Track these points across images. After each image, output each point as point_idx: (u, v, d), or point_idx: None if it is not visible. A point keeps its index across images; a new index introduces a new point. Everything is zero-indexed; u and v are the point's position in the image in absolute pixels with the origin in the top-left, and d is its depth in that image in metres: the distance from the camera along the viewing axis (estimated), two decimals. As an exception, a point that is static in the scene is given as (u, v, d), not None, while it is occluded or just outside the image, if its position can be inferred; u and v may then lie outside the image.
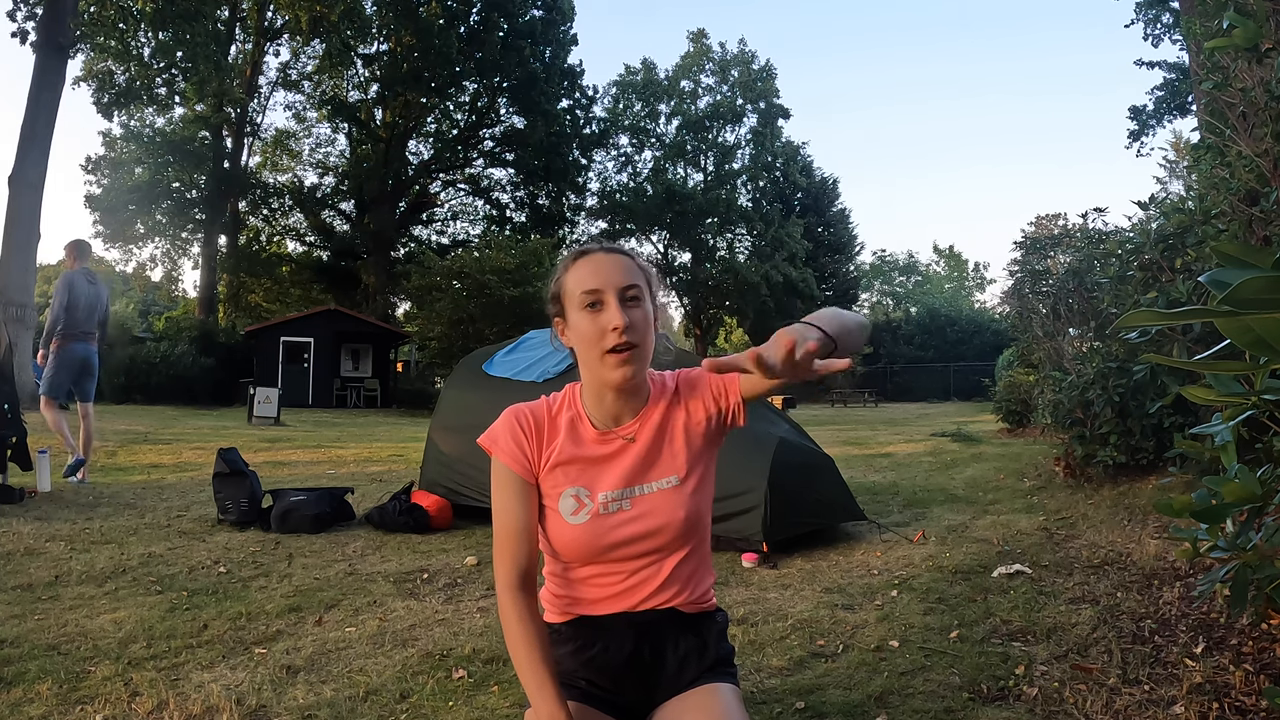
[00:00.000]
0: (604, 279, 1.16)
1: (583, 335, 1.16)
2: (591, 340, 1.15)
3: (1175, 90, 19.13)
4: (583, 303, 1.16)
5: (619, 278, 1.17)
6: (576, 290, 1.17)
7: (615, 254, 1.21)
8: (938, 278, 54.28)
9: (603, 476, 1.21)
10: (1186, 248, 3.93)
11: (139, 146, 25.05)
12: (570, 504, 1.20)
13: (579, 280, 1.18)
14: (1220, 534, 1.60)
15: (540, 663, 1.10)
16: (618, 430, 1.23)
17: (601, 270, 1.17)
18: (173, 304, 32.17)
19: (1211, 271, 0.79)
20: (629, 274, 1.18)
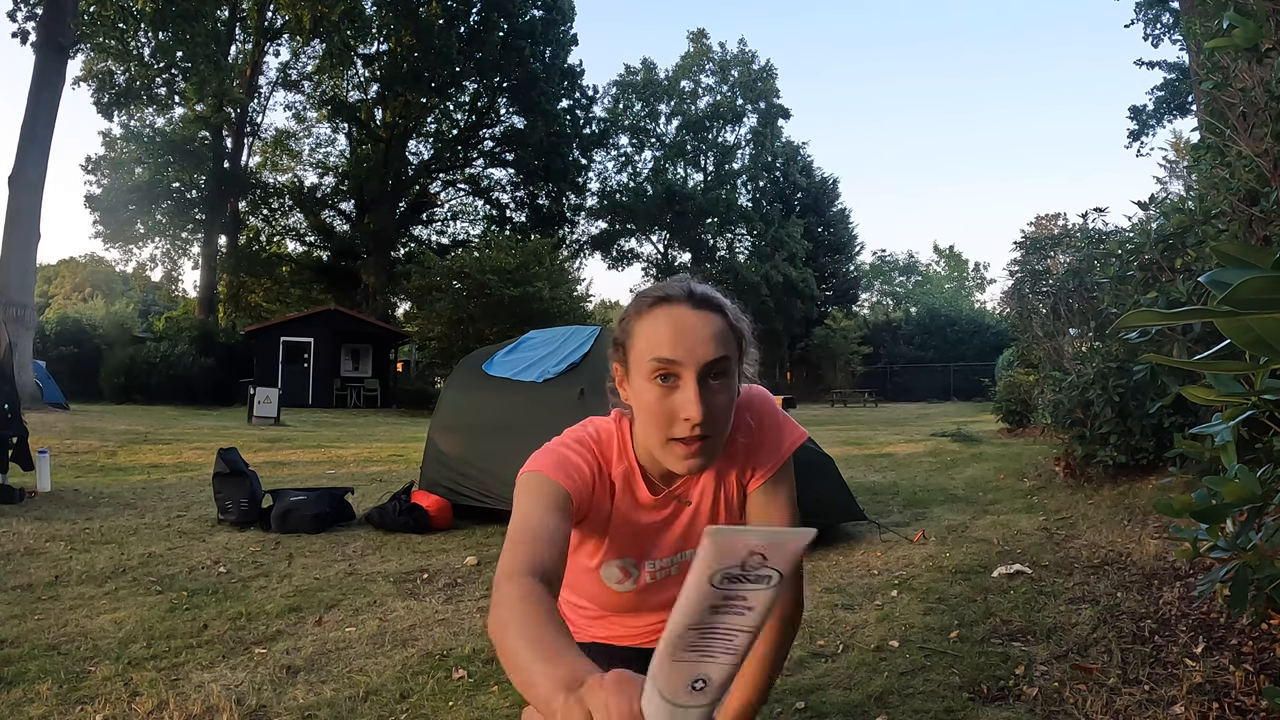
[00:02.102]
0: (685, 349, 0.93)
1: (648, 410, 0.95)
2: (657, 421, 0.95)
3: (1175, 90, 19.12)
4: (652, 371, 0.94)
5: (704, 349, 0.93)
6: (648, 353, 0.94)
7: (706, 311, 0.96)
8: (938, 278, 54.28)
9: (654, 545, 1.10)
10: (1186, 248, 3.93)
11: (139, 146, 25.03)
12: (615, 574, 1.10)
13: (652, 340, 0.94)
14: (1220, 534, 1.60)
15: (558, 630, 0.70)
16: (672, 489, 1.08)
17: (685, 335, 0.93)
18: (173, 304, 32.15)
19: (1211, 271, 0.79)
20: (719, 343, 0.94)
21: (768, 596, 0.42)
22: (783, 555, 0.42)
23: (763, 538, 0.41)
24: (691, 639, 0.43)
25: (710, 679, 0.44)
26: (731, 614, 0.42)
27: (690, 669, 0.44)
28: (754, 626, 0.43)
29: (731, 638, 0.43)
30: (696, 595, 0.42)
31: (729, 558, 0.41)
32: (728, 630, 0.43)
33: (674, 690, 0.44)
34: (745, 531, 0.41)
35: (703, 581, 0.42)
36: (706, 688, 0.44)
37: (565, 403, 4.03)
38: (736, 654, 0.44)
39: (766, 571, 0.42)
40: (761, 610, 0.43)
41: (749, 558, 0.41)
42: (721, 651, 0.44)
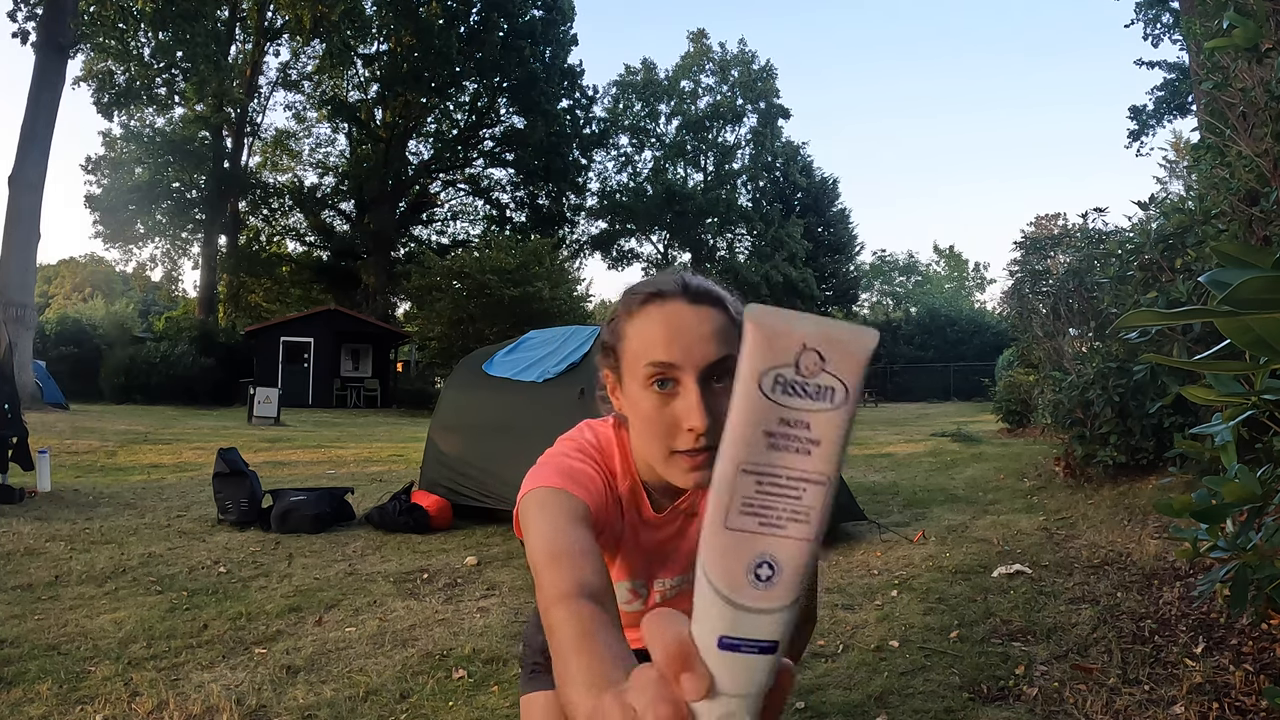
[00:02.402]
0: (683, 350, 0.83)
1: (645, 420, 0.85)
2: (655, 432, 0.85)
3: (1175, 90, 19.13)
4: (648, 377, 0.84)
5: (705, 348, 0.83)
6: (642, 356, 0.85)
7: (703, 306, 0.86)
8: (938, 278, 54.27)
9: (663, 564, 1.03)
10: (1186, 248, 3.93)
11: (139, 146, 25.04)
12: (624, 594, 1.05)
13: (646, 342, 0.85)
14: (1220, 534, 1.60)
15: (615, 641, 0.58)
16: (678, 505, 1.00)
17: (683, 334, 0.83)
18: (173, 304, 32.15)
19: (1211, 271, 0.79)
20: (720, 341, 0.84)
21: (835, 425, 0.31)
22: (845, 358, 0.31)
23: (817, 327, 0.31)
24: (746, 490, 0.31)
25: (779, 563, 0.32)
26: (792, 451, 0.31)
27: (750, 544, 0.32)
28: (823, 474, 0.31)
29: (797, 492, 0.31)
30: (747, 411, 0.31)
31: (779, 353, 0.31)
32: (791, 479, 0.31)
33: (733, 581, 0.32)
34: (795, 316, 0.31)
35: (751, 389, 0.31)
36: (775, 578, 0.32)
37: (565, 403, 4.03)
38: (808, 521, 0.32)
39: (828, 381, 0.31)
40: (830, 450, 0.31)
41: (803, 354, 0.31)
42: (789, 516, 0.32)
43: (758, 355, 0.31)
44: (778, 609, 0.32)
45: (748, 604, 0.32)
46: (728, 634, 0.32)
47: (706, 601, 0.33)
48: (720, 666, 0.33)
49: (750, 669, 0.33)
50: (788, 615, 0.33)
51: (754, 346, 0.31)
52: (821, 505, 0.32)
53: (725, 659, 0.33)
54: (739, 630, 0.32)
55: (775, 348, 0.31)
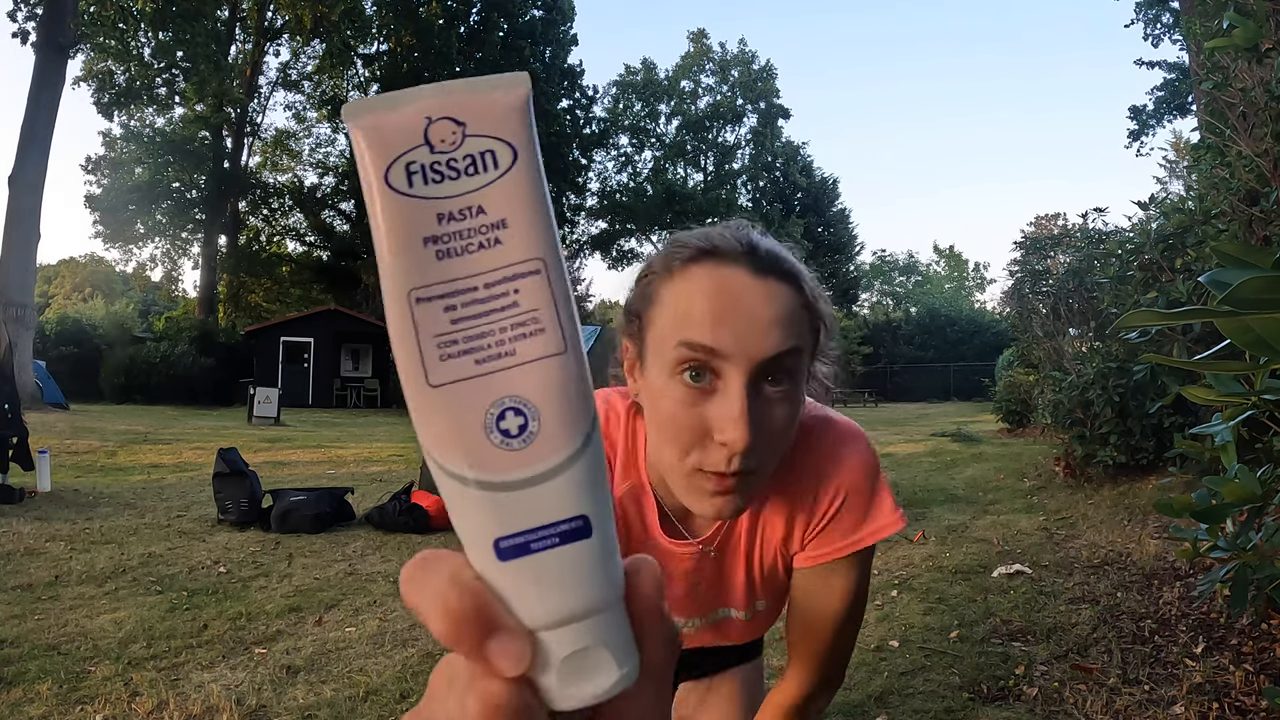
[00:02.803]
0: (734, 334, 0.63)
1: (666, 418, 0.66)
2: (677, 438, 0.66)
3: (1175, 90, 19.15)
4: (680, 362, 0.65)
5: (764, 337, 0.64)
6: (675, 333, 0.65)
7: (772, 280, 0.66)
8: (938, 278, 54.28)
9: (670, 599, 0.84)
10: (1186, 248, 3.93)
11: (139, 146, 25.04)
12: None
13: (686, 314, 0.65)
14: (1220, 534, 1.60)
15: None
16: (702, 540, 0.82)
17: (737, 313, 0.64)
18: (173, 304, 32.16)
19: (1211, 271, 0.79)
20: (787, 329, 0.65)
21: (516, 194, 0.24)
22: (492, 111, 0.24)
23: (438, 92, 0.24)
24: (437, 325, 0.23)
25: (528, 402, 0.23)
26: (474, 250, 0.23)
27: (475, 393, 0.23)
28: (531, 259, 0.23)
29: (508, 297, 0.23)
30: (388, 221, 0.23)
31: (397, 136, 0.23)
32: (491, 284, 0.23)
33: (471, 452, 0.23)
34: (404, 93, 0.24)
35: (382, 193, 0.23)
36: (531, 424, 0.23)
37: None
38: (543, 327, 0.23)
39: (479, 146, 0.23)
40: (526, 226, 0.23)
41: (431, 127, 0.23)
42: (514, 334, 0.23)
43: (371, 151, 0.23)
44: (556, 466, 0.23)
45: (506, 476, 0.23)
46: (502, 533, 0.23)
47: (455, 502, 0.23)
48: (517, 585, 0.23)
49: (563, 571, 0.23)
50: (581, 471, 0.23)
51: (363, 145, 0.24)
52: (552, 300, 0.23)
53: (518, 571, 0.23)
54: (514, 521, 0.23)
55: (389, 133, 0.23)
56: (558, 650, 0.23)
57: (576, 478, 0.23)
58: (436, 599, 0.22)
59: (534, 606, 0.23)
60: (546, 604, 0.23)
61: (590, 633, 0.23)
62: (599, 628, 0.23)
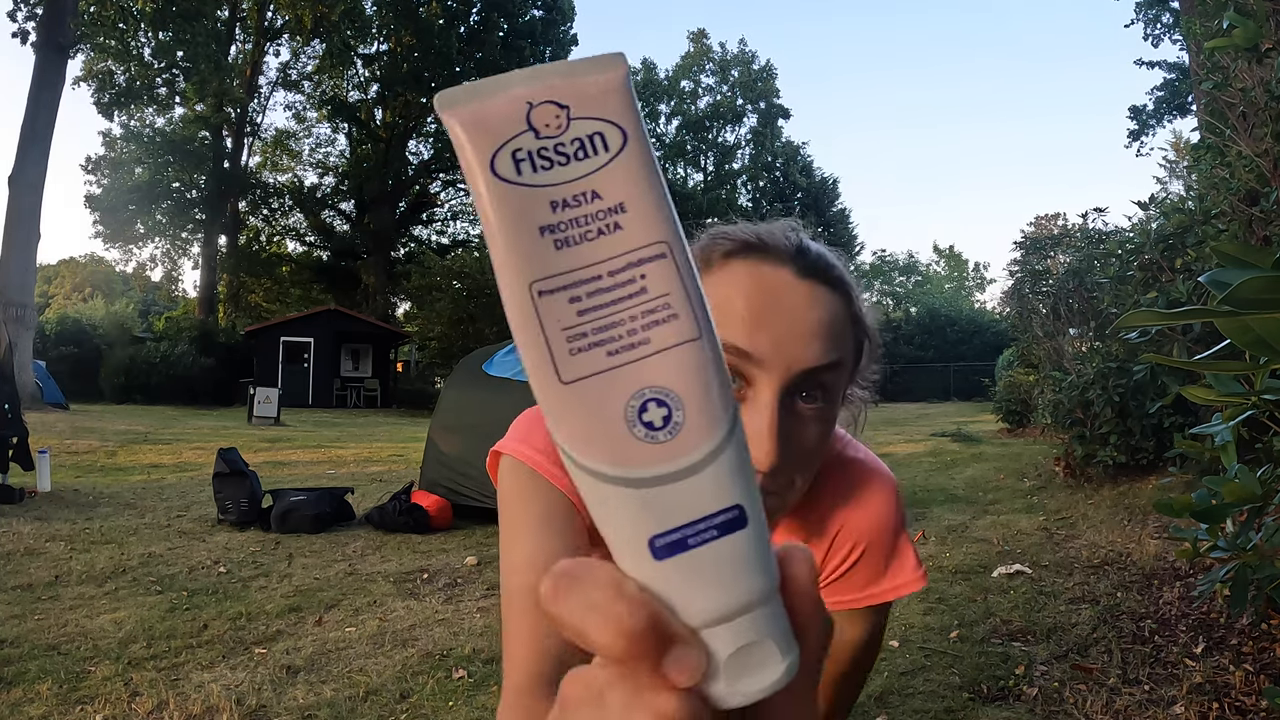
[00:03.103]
0: (773, 340, 0.59)
1: None
2: None
3: (1175, 90, 19.15)
4: None
5: (805, 346, 0.60)
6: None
7: (817, 284, 0.63)
8: (938, 278, 54.28)
9: None
10: (1186, 248, 3.93)
11: (139, 146, 25.07)
12: None
13: (722, 312, 0.60)
14: (1220, 534, 1.60)
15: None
16: None
17: (778, 316, 0.60)
18: (173, 304, 32.19)
19: (1211, 271, 0.79)
20: (829, 340, 0.61)
21: (631, 176, 0.22)
22: (595, 93, 0.23)
23: (534, 77, 0.23)
24: (563, 318, 0.22)
25: (671, 391, 0.22)
26: (593, 237, 0.22)
27: (611, 387, 0.22)
28: (656, 242, 0.22)
29: (635, 284, 0.22)
30: (500, 212, 0.22)
31: (501, 124, 0.22)
32: (616, 271, 0.22)
33: (615, 449, 0.21)
34: (498, 79, 0.23)
35: (489, 183, 0.22)
36: (676, 414, 0.22)
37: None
38: (676, 313, 0.22)
39: (586, 129, 0.22)
40: (644, 209, 0.22)
41: (534, 112, 0.22)
42: (645, 321, 0.22)
43: (474, 141, 0.22)
44: (707, 455, 0.22)
45: (655, 471, 0.21)
46: (657, 530, 0.21)
47: (601, 502, 0.22)
48: (677, 584, 0.21)
49: (724, 564, 0.21)
50: (731, 458, 0.22)
51: (464, 135, 0.22)
52: (681, 284, 0.22)
53: (676, 569, 0.21)
54: (669, 517, 0.21)
55: (491, 121, 0.22)
56: (722, 648, 0.21)
57: (728, 465, 0.22)
58: (604, 615, 0.20)
59: (696, 605, 0.21)
60: (709, 601, 0.21)
61: (754, 627, 0.22)
62: (761, 620, 0.22)
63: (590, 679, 0.21)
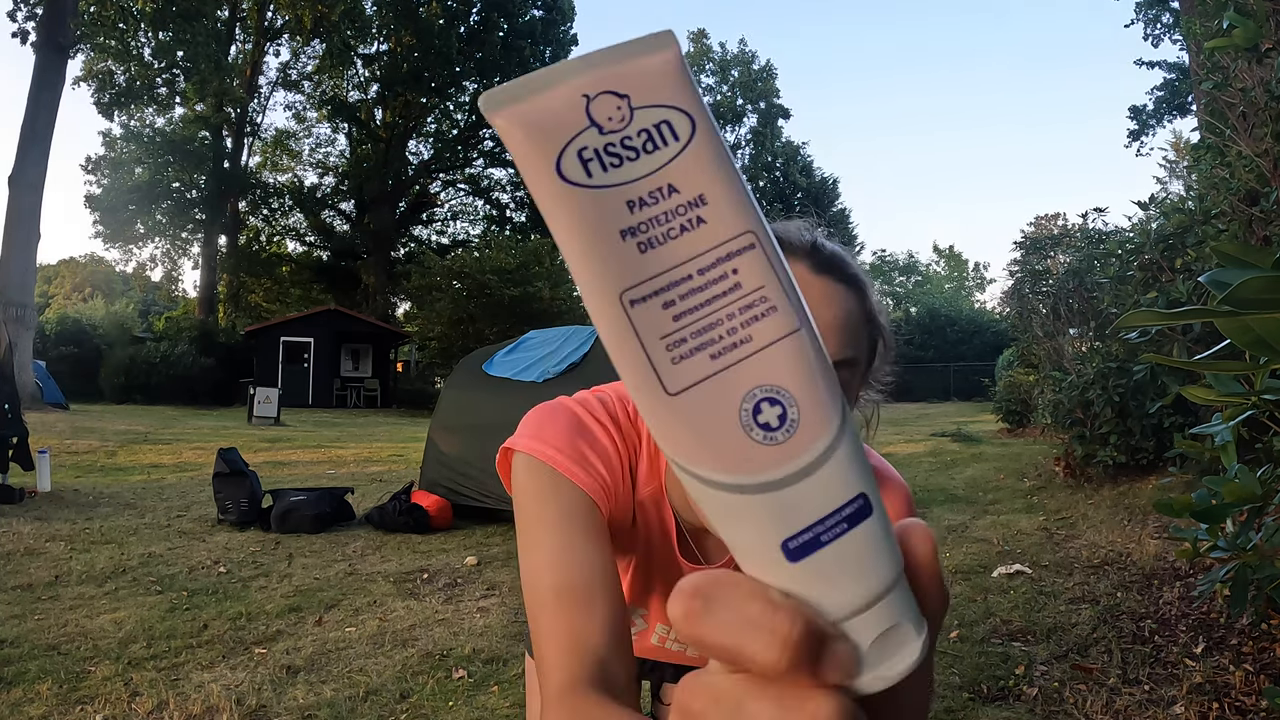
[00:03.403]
0: None
1: None
2: None
3: (1175, 90, 19.16)
4: None
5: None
6: None
7: (832, 281, 0.64)
8: (938, 278, 54.27)
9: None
10: (1186, 248, 3.93)
11: (139, 146, 25.06)
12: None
13: None
14: (1220, 534, 1.60)
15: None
16: (712, 562, 0.76)
17: None
18: (173, 304, 32.18)
19: (1211, 271, 0.79)
20: (844, 336, 0.63)
21: (707, 165, 0.21)
22: (654, 78, 0.21)
23: (587, 66, 0.21)
24: (660, 326, 0.21)
25: (782, 388, 0.21)
26: (676, 235, 0.21)
27: (722, 391, 0.21)
28: (743, 232, 0.21)
29: (728, 279, 0.21)
30: (576, 220, 0.21)
31: (560, 123, 0.21)
32: (706, 269, 0.21)
33: (736, 455, 0.20)
34: (547, 73, 0.21)
35: (556, 188, 0.21)
36: (791, 411, 0.21)
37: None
38: (775, 305, 0.21)
39: (652, 118, 0.21)
40: (726, 198, 0.21)
41: (593, 105, 0.21)
42: (745, 318, 0.21)
43: (533, 143, 0.20)
44: (827, 448, 0.21)
45: (780, 473, 0.20)
46: (789, 533, 0.21)
47: (727, 512, 0.21)
48: (815, 582, 0.21)
49: (858, 555, 0.21)
50: (849, 446, 0.21)
51: (521, 138, 0.21)
52: (775, 274, 0.21)
53: (813, 568, 0.21)
54: (799, 517, 0.21)
55: (549, 120, 0.21)
56: (863, 637, 0.21)
57: (847, 454, 0.21)
58: (760, 630, 0.19)
59: (836, 600, 0.21)
60: (848, 594, 0.21)
61: (890, 611, 0.21)
62: (896, 603, 0.22)
63: (720, 691, 0.20)
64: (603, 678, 0.54)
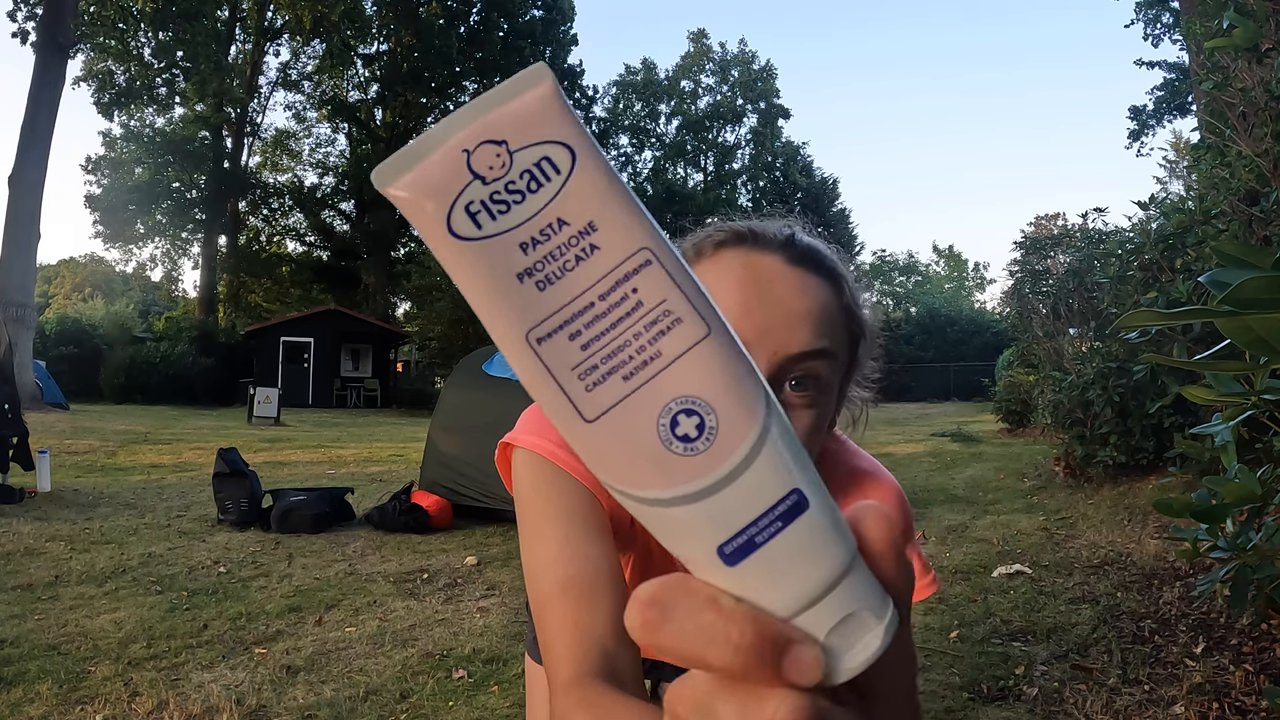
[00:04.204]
0: (760, 326, 0.60)
1: None
2: None
3: (1175, 90, 19.16)
4: None
5: (792, 331, 0.60)
6: None
7: (807, 272, 0.63)
8: (938, 278, 54.27)
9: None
10: (1186, 248, 3.93)
11: (139, 146, 25.08)
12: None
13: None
14: (1220, 534, 1.60)
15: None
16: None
17: (765, 303, 0.61)
18: (173, 304, 32.19)
19: (1211, 271, 0.79)
20: (818, 326, 0.61)
21: (593, 192, 0.21)
22: (528, 117, 0.21)
23: (462, 119, 0.21)
24: (569, 358, 0.21)
25: (697, 397, 0.21)
26: (571, 268, 0.21)
27: (638, 410, 0.21)
28: (636, 251, 0.21)
29: (628, 300, 0.21)
30: (470, 269, 0.21)
31: (444, 179, 0.21)
32: (606, 295, 0.21)
33: (660, 470, 0.21)
34: (425, 137, 0.21)
35: (451, 245, 0.21)
36: (709, 420, 0.21)
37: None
38: (680, 317, 0.21)
39: (530, 157, 0.21)
40: (615, 222, 0.21)
41: (474, 157, 0.21)
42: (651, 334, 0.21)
43: (422, 210, 0.21)
44: (750, 450, 0.21)
45: (704, 482, 0.21)
46: (722, 539, 0.21)
47: (661, 526, 0.22)
48: (757, 583, 0.21)
49: (797, 551, 0.21)
50: (776, 443, 0.21)
51: (412, 208, 0.21)
52: (675, 285, 0.21)
53: (752, 569, 0.21)
54: (731, 522, 0.21)
55: (432, 184, 0.21)
56: (818, 629, 0.21)
57: (774, 452, 0.21)
58: (713, 637, 0.20)
59: (781, 597, 0.21)
60: (792, 590, 0.21)
61: (842, 600, 0.21)
62: (849, 592, 0.22)
63: (695, 695, 0.21)
64: (610, 670, 0.54)
